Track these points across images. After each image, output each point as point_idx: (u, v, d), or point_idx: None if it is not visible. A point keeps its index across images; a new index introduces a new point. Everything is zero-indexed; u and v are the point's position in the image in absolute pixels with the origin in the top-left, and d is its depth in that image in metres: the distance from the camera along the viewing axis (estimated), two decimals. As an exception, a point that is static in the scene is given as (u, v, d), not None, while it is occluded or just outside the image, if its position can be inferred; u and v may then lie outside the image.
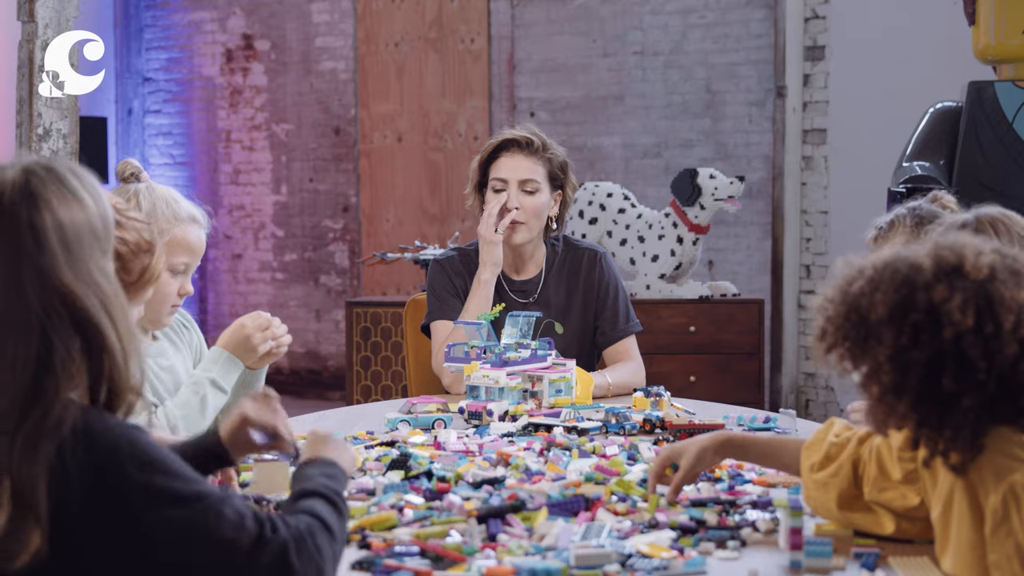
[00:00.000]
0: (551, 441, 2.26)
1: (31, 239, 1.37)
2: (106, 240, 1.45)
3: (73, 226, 1.40)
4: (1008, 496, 1.39)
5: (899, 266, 1.45)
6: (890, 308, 1.42)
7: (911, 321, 1.41)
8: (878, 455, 1.67)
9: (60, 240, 1.39)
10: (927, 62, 5.56)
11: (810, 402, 6.12)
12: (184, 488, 1.35)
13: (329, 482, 1.53)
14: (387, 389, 5.22)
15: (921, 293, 1.42)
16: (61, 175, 1.43)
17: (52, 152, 4.18)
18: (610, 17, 6.40)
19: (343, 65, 7.09)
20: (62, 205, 1.40)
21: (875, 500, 1.67)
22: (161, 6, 7.66)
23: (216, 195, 7.49)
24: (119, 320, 1.42)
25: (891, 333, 1.42)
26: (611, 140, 6.42)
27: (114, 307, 1.42)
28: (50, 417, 1.33)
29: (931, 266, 1.43)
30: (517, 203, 3.05)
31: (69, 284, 1.38)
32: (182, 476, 1.36)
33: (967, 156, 4.36)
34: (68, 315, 1.37)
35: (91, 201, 1.44)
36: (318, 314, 7.27)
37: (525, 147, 3.08)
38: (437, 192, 6.87)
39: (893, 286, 1.44)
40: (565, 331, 2.99)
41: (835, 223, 5.97)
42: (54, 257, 1.38)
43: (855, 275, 1.48)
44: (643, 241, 4.96)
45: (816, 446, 1.75)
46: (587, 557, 1.54)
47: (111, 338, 1.40)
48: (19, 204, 1.38)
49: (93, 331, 1.39)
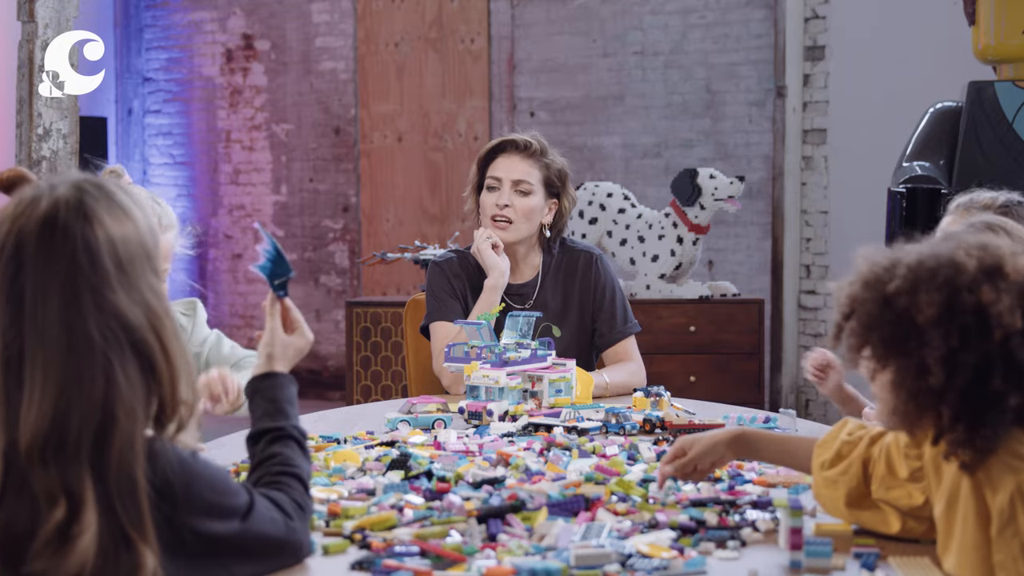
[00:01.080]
0: (551, 441, 2.26)
1: (86, 258, 1.36)
2: (155, 257, 1.45)
3: (125, 243, 1.40)
4: (1016, 496, 1.39)
5: (938, 266, 1.44)
6: (939, 309, 1.42)
7: (959, 323, 1.41)
8: (887, 453, 1.67)
9: (113, 259, 1.38)
10: (927, 62, 5.56)
11: (810, 402, 6.12)
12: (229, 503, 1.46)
13: (292, 412, 1.64)
14: (387, 389, 5.22)
15: (966, 294, 1.41)
16: (111, 191, 1.42)
17: (52, 152, 4.18)
18: (610, 17, 6.40)
19: (343, 65, 7.10)
20: (115, 222, 1.40)
21: (882, 499, 1.67)
22: (161, 6, 7.66)
23: (216, 195, 7.49)
24: (169, 339, 1.42)
25: (940, 335, 1.41)
26: (611, 140, 6.42)
27: (164, 326, 1.42)
28: (122, 444, 1.36)
29: (975, 267, 1.43)
30: (508, 201, 3.06)
31: (123, 305, 1.38)
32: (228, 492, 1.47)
33: (967, 156, 4.36)
34: (125, 337, 1.38)
35: (140, 216, 1.44)
36: (318, 314, 7.27)
37: (523, 149, 3.09)
38: (437, 192, 6.87)
39: (935, 286, 1.43)
40: (563, 334, 2.99)
41: (835, 223, 5.97)
42: (107, 276, 1.37)
43: (885, 273, 1.47)
44: (643, 241, 4.96)
45: (828, 444, 1.75)
46: (587, 557, 1.54)
47: (161, 358, 1.41)
48: (74, 221, 1.37)
49: (147, 351, 1.40)
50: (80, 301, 1.36)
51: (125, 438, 1.35)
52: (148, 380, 1.40)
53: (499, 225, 3.07)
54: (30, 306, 1.36)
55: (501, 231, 3.07)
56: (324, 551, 1.63)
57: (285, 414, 1.66)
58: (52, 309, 1.35)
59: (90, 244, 1.37)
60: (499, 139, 3.14)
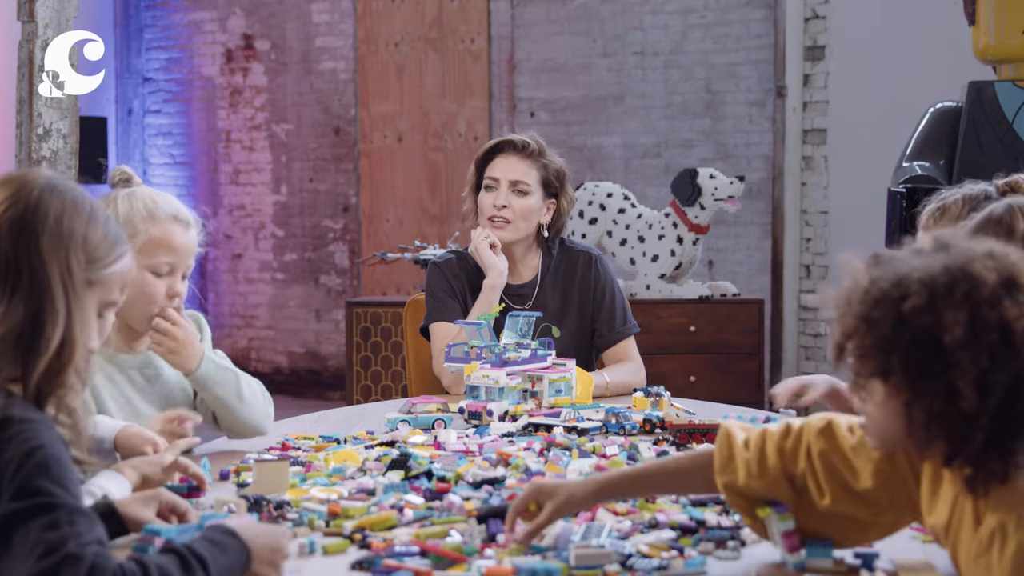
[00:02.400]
0: (551, 441, 2.26)
1: (32, 206, 1.48)
2: (97, 265, 1.52)
3: (71, 225, 1.50)
4: (997, 531, 1.35)
5: (953, 280, 1.35)
6: (966, 330, 1.33)
7: (987, 342, 1.32)
8: (830, 467, 1.54)
9: (56, 221, 1.49)
10: (927, 62, 5.56)
11: (810, 402, 6.11)
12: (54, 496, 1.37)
13: (204, 547, 1.43)
14: (387, 389, 5.22)
15: (988, 310, 1.33)
16: (81, 191, 1.55)
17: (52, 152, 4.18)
18: (610, 17, 6.40)
19: (343, 65, 7.10)
20: (75, 211, 1.52)
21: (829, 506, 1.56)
22: (161, 6, 7.66)
23: (216, 195, 7.49)
24: (76, 318, 1.48)
25: (970, 356, 1.32)
26: (611, 140, 6.42)
27: (79, 304, 1.49)
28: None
29: (994, 280, 1.34)
30: (505, 201, 3.06)
31: (46, 254, 1.46)
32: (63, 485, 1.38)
33: (967, 156, 4.36)
34: (28, 281, 1.45)
35: (99, 223, 1.54)
36: (318, 314, 7.27)
37: (520, 149, 3.09)
38: (437, 192, 6.87)
39: (956, 303, 1.34)
40: (562, 334, 2.99)
41: (835, 223, 5.97)
42: (44, 226, 1.48)
43: (894, 289, 1.37)
44: (643, 241, 4.96)
45: (728, 466, 1.60)
46: (587, 557, 1.54)
47: (51, 324, 1.46)
48: (37, 187, 1.50)
49: (42, 308, 1.46)
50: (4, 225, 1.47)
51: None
52: (35, 342, 1.45)
53: (497, 225, 3.07)
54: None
55: (499, 231, 3.07)
56: (324, 551, 1.63)
57: None
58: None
59: (40, 200, 1.49)
60: (497, 139, 3.15)
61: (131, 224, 2.20)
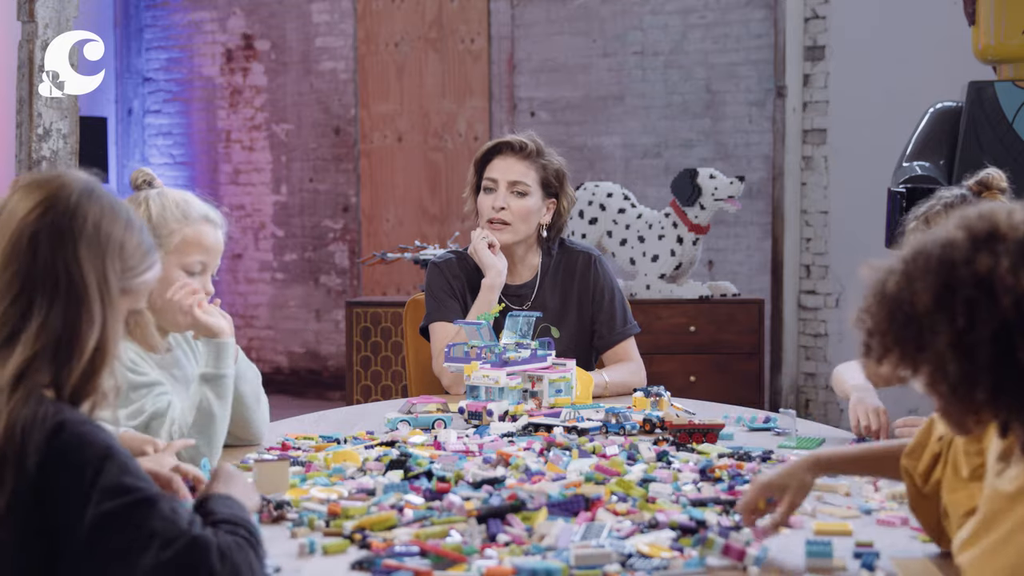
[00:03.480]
0: (551, 441, 2.26)
1: (70, 211, 1.46)
2: (130, 274, 1.51)
3: (109, 232, 1.49)
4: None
5: (929, 249, 1.35)
6: (935, 293, 1.32)
7: (962, 299, 1.31)
8: (953, 450, 1.58)
9: (95, 227, 1.47)
10: (927, 62, 5.56)
11: (810, 402, 6.12)
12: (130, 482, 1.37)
13: (235, 511, 1.49)
14: (387, 389, 5.22)
15: (963, 268, 1.31)
16: (114, 196, 1.54)
17: (52, 152, 4.18)
18: (610, 17, 6.40)
19: (343, 65, 7.10)
20: (110, 214, 1.50)
21: (945, 503, 1.59)
22: (161, 6, 7.66)
23: (216, 195, 7.49)
24: (111, 324, 1.47)
25: (944, 319, 1.31)
26: (611, 140, 6.42)
27: (114, 310, 1.47)
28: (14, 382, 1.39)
29: (965, 238, 1.33)
30: (504, 204, 3.05)
31: (84, 261, 1.44)
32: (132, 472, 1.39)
33: (967, 156, 4.36)
34: (66, 288, 1.43)
35: (136, 234, 1.53)
36: (318, 314, 7.27)
37: (519, 150, 3.08)
38: (437, 192, 6.87)
39: (929, 270, 1.33)
40: (562, 335, 2.99)
41: (835, 223, 5.97)
42: (83, 232, 1.45)
43: (885, 275, 1.38)
44: (643, 241, 4.96)
45: (917, 453, 1.65)
46: (587, 557, 1.54)
47: (87, 332, 1.44)
48: (79, 195, 1.48)
49: (78, 313, 1.44)
50: (38, 233, 1.45)
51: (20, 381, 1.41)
52: (51, 337, 1.44)
53: (496, 228, 3.07)
54: (3, 216, 1.48)
55: (498, 233, 3.07)
56: (324, 551, 1.63)
57: None
58: (18, 224, 1.46)
59: (78, 205, 1.47)
60: (495, 140, 3.14)
61: (166, 224, 2.22)
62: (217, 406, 2.15)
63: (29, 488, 1.34)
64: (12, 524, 1.34)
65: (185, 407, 2.17)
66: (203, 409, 2.14)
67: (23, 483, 1.34)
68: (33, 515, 1.34)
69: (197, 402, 2.15)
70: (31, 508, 1.34)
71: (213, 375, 2.17)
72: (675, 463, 2.12)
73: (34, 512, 1.34)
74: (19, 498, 1.34)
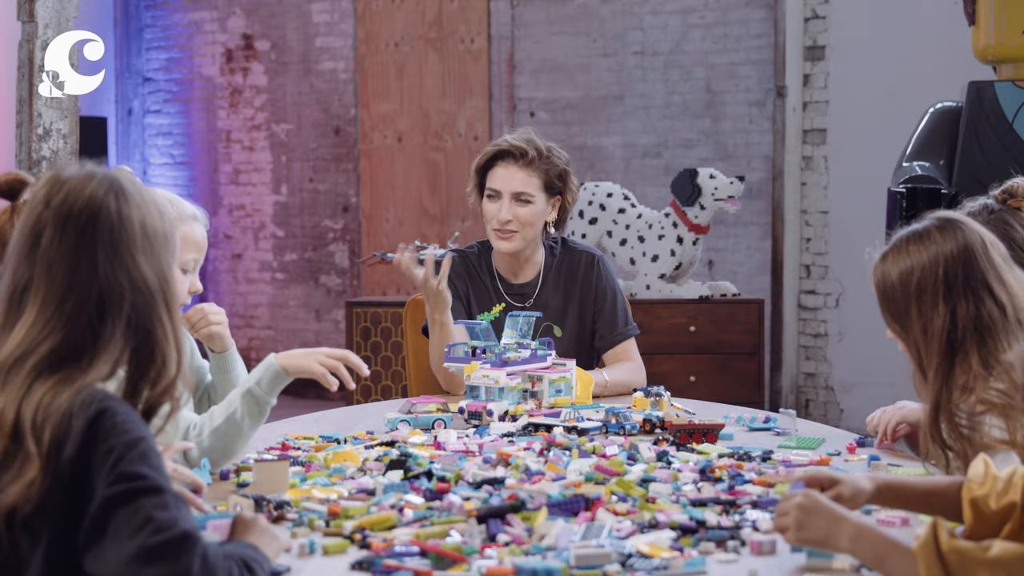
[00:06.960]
0: (551, 441, 2.26)
1: (111, 221, 1.48)
2: (174, 245, 1.56)
3: (151, 220, 1.52)
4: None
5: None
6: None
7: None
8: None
9: (141, 227, 1.50)
10: (927, 62, 5.56)
11: (810, 402, 6.12)
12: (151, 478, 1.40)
13: (248, 552, 1.48)
14: (387, 389, 5.22)
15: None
16: (139, 184, 1.57)
17: (52, 152, 4.18)
18: (610, 17, 6.40)
19: (343, 65, 7.09)
20: (143, 204, 1.52)
21: None
22: (161, 6, 7.66)
23: (216, 195, 7.49)
24: (176, 315, 1.52)
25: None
26: (611, 140, 6.42)
27: (175, 302, 1.52)
28: (77, 383, 1.41)
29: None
30: (509, 215, 3.04)
31: (141, 266, 1.48)
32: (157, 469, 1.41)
33: (967, 156, 4.36)
34: (129, 297, 1.47)
35: (163, 210, 1.56)
36: (318, 314, 7.27)
37: (520, 158, 3.05)
38: (437, 192, 6.87)
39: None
40: (563, 334, 2.99)
41: (835, 223, 5.97)
42: (133, 240, 1.48)
43: None
44: (643, 241, 4.96)
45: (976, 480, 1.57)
46: (587, 557, 1.54)
47: (168, 328, 1.49)
48: (104, 193, 1.49)
49: (148, 317, 1.48)
50: (94, 251, 1.46)
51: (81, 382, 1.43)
52: (129, 347, 1.47)
53: (504, 237, 3.06)
54: (45, 245, 1.46)
55: (506, 243, 3.06)
56: (324, 551, 1.63)
57: None
58: (65, 249, 1.46)
59: (121, 212, 1.49)
60: (495, 147, 3.08)
61: None
62: (247, 425, 2.13)
63: (70, 470, 1.39)
64: (57, 500, 1.39)
65: (215, 409, 2.16)
66: (233, 420, 2.12)
67: (66, 464, 1.39)
68: (70, 493, 1.39)
69: (231, 412, 2.13)
70: (69, 488, 1.39)
71: (259, 397, 2.15)
72: (675, 463, 2.12)
73: (71, 491, 1.39)
74: (61, 480, 1.38)
